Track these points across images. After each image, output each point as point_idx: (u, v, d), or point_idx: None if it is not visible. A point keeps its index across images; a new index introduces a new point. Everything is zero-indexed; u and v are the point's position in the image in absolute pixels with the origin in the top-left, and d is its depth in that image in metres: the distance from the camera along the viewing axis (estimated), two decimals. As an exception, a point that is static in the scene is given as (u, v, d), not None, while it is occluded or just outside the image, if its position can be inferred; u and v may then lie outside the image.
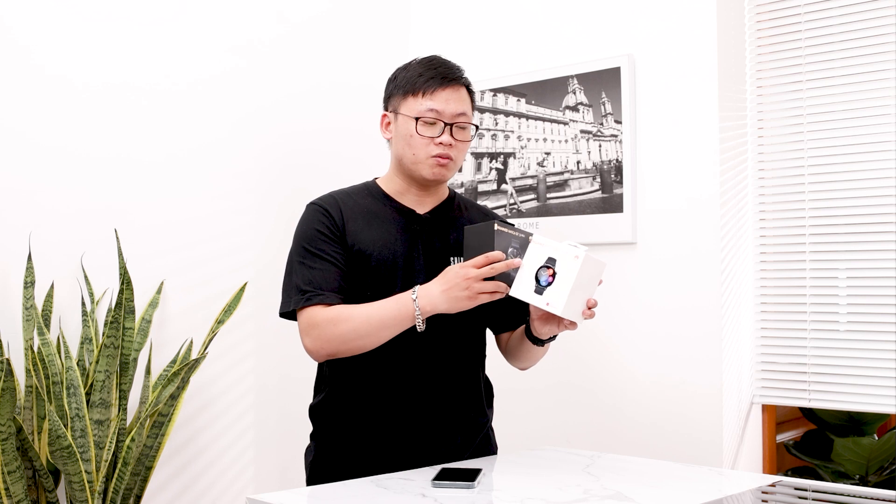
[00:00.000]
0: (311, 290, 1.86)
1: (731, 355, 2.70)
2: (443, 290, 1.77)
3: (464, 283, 1.75)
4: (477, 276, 1.74)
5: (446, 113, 1.91)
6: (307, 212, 1.98)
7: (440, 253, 1.96)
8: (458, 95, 1.94)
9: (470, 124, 1.96)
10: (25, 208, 2.47)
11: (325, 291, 1.86)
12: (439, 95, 1.91)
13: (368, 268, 1.92)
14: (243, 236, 2.92)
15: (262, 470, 2.96)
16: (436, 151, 1.91)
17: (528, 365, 2.07)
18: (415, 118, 1.91)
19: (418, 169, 1.93)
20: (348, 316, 1.83)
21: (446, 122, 1.91)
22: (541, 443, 2.83)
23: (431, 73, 1.93)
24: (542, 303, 1.74)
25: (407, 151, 1.93)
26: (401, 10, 3.43)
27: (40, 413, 2.31)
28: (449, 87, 1.93)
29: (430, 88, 1.91)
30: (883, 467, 3.30)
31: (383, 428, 1.93)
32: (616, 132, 2.87)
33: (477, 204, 2.16)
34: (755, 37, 2.76)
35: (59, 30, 2.54)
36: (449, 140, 1.92)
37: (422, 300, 1.79)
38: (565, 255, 1.73)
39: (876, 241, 2.53)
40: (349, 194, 2.01)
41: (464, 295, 1.76)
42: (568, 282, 1.72)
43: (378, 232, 1.94)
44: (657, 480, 1.80)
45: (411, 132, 1.92)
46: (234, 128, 2.92)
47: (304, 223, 1.96)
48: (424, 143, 1.91)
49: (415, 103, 1.92)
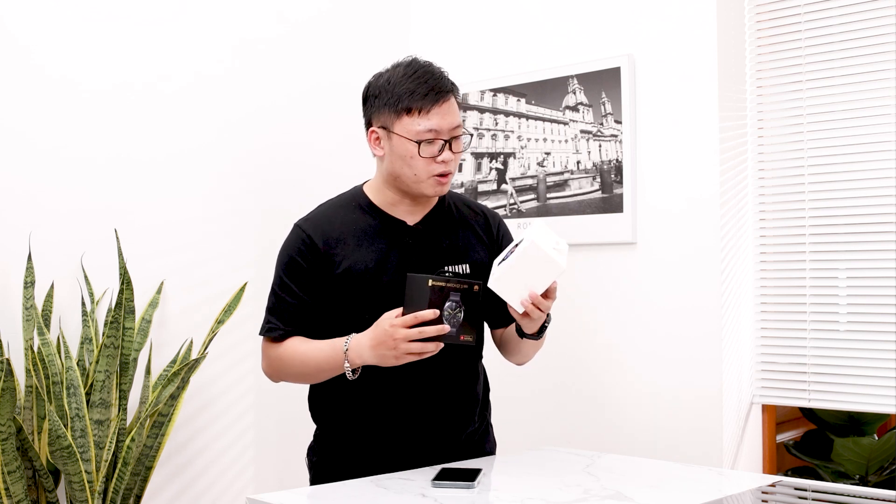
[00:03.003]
0: (271, 322, 1.94)
1: (731, 355, 2.70)
2: (371, 346, 1.76)
3: (391, 343, 1.72)
4: (404, 338, 1.70)
5: (444, 130, 1.86)
6: (291, 235, 1.96)
7: (435, 262, 1.93)
8: (451, 107, 1.88)
9: (465, 133, 1.92)
10: (25, 208, 2.47)
11: (283, 327, 1.92)
12: (435, 112, 1.84)
13: (362, 288, 1.89)
14: (243, 236, 2.92)
15: (262, 470, 2.96)
16: (438, 170, 1.86)
17: (524, 359, 2.05)
18: (416, 141, 1.84)
19: (419, 188, 1.89)
20: (290, 358, 1.91)
21: (445, 140, 1.87)
22: (541, 443, 2.83)
23: (423, 89, 1.84)
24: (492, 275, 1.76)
25: (407, 172, 1.88)
26: (401, 10, 3.43)
27: (40, 413, 2.31)
28: (444, 102, 1.86)
29: (425, 107, 1.84)
30: (883, 467, 3.29)
31: (383, 425, 1.93)
32: (616, 132, 2.87)
33: (469, 200, 2.11)
34: (755, 37, 2.76)
35: (58, 30, 2.54)
36: (450, 157, 1.87)
37: (351, 352, 1.80)
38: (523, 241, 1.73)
39: (876, 241, 2.53)
40: (338, 210, 1.97)
41: (390, 354, 1.73)
42: (510, 262, 1.72)
43: (368, 251, 1.91)
44: (657, 480, 1.80)
45: (412, 153, 1.85)
46: (234, 128, 2.92)
47: (285, 248, 1.96)
48: (426, 163, 1.86)
49: (411, 123, 1.84)
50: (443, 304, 1.70)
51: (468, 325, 1.73)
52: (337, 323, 1.91)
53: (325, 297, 1.91)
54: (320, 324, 1.93)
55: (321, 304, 1.92)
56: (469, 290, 1.72)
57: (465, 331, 1.73)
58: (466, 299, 1.72)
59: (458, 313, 1.71)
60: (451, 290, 1.70)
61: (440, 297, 1.70)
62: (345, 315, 1.91)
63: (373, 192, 1.98)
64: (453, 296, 1.70)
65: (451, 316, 1.70)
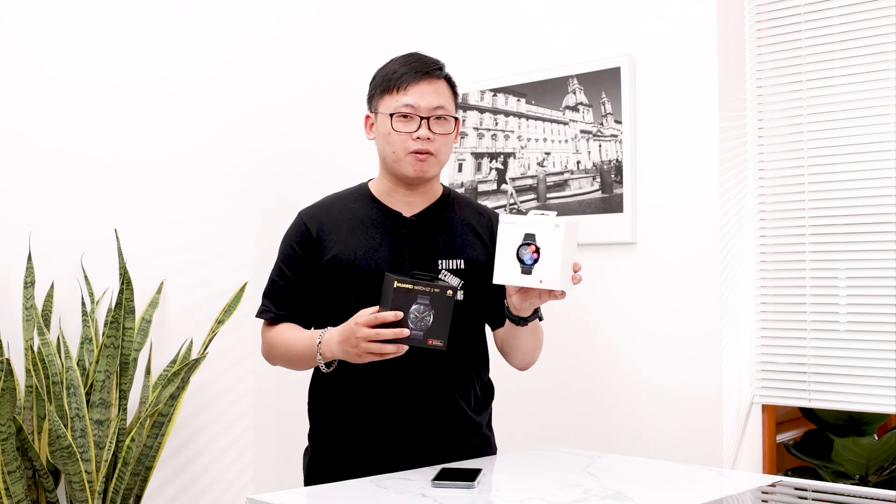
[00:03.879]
0: (265, 305, 2.03)
1: (731, 355, 2.70)
2: (338, 342, 1.79)
3: (353, 340, 1.74)
4: (364, 337, 1.71)
5: (422, 107, 1.90)
6: (293, 222, 2.04)
7: (427, 257, 1.94)
8: (435, 88, 1.92)
9: (450, 116, 1.94)
10: (25, 208, 2.47)
11: (275, 311, 2.00)
12: (413, 90, 1.90)
13: (351, 276, 1.91)
14: (243, 236, 2.92)
15: (262, 470, 2.96)
16: (414, 147, 1.89)
17: (525, 359, 2.03)
18: (390, 114, 1.90)
19: (400, 167, 1.92)
20: (278, 343, 1.98)
21: (422, 116, 1.89)
22: (541, 443, 2.83)
23: (405, 68, 1.92)
24: (535, 282, 1.68)
25: (387, 149, 1.93)
26: (401, 10, 3.43)
27: (40, 413, 2.31)
28: (423, 81, 1.91)
29: (404, 83, 1.90)
30: (883, 467, 3.30)
31: (378, 428, 1.93)
32: (616, 132, 2.87)
33: (474, 202, 2.12)
34: (755, 37, 2.76)
35: (58, 30, 2.54)
36: (426, 134, 1.89)
37: (323, 345, 1.84)
38: (543, 226, 1.66)
39: (876, 241, 2.53)
40: (339, 200, 2.03)
41: (353, 352, 1.75)
42: (556, 254, 1.66)
43: (361, 239, 1.94)
44: (657, 480, 1.80)
45: (388, 129, 1.91)
46: (234, 128, 2.92)
47: (287, 234, 2.04)
48: (402, 139, 1.90)
49: (391, 100, 1.91)
50: (409, 307, 1.68)
51: (438, 329, 1.70)
52: (327, 309, 1.96)
53: (316, 283, 1.96)
54: (313, 309, 1.99)
55: (313, 289, 1.97)
56: (441, 294, 1.68)
57: (434, 335, 1.69)
58: (438, 303, 1.69)
59: (426, 317, 1.69)
60: (419, 293, 1.68)
61: (406, 299, 1.68)
62: (333, 301, 1.94)
63: (374, 184, 2.04)
64: (422, 299, 1.68)
65: (419, 319, 1.69)
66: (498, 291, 1.94)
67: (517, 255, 1.69)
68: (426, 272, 1.82)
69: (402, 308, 1.68)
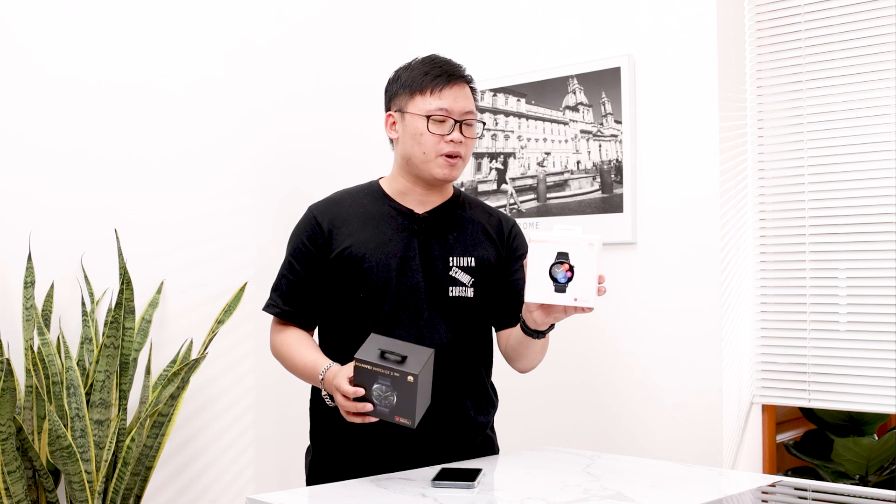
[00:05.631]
0: (273, 300, 2.03)
1: (731, 355, 2.70)
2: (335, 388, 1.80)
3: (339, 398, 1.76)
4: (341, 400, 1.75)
5: (455, 111, 1.93)
6: (303, 217, 2.04)
7: (438, 253, 1.96)
8: (465, 93, 1.96)
9: (477, 121, 1.99)
10: (25, 208, 2.47)
11: (281, 306, 2.01)
12: (447, 93, 1.93)
13: (361, 270, 1.93)
14: (243, 236, 2.92)
15: (262, 470, 2.96)
16: (447, 150, 1.92)
17: (530, 365, 2.03)
18: (426, 116, 1.92)
19: (428, 168, 1.94)
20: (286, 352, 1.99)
21: (456, 120, 1.93)
22: (541, 443, 2.83)
23: (437, 71, 1.95)
24: (569, 300, 1.68)
25: (417, 150, 1.94)
26: (401, 10, 3.43)
27: (40, 413, 2.31)
28: (455, 85, 1.95)
29: (437, 87, 1.93)
30: (883, 467, 3.29)
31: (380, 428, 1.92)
32: (616, 132, 2.87)
33: (483, 203, 2.14)
34: (755, 37, 2.76)
35: (58, 30, 2.54)
36: (459, 137, 1.93)
37: (325, 382, 1.85)
38: (576, 244, 1.66)
39: (876, 241, 2.53)
40: (350, 195, 2.04)
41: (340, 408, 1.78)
42: (591, 273, 1.67)
43: (372, 233, 1.95)
44: (657, 480, 1.80)
45: (421, 130, 1.92)
46: (234, 128, 2.92)
47: (297, 229, 2.05)
48: (435, 140, 1.92)
49: (423, 102, 1.93)
50: (370, 385, 1.70)
51: (405, 407, 1.69)
52: (335, 303, 1.97)
53: (325, 278, 1.97)
54: (320, 305, 2.00)
55: (322, 284, 1.98)
56: (401, 379, 1.68)
57: (400, 413, 1.70)
58: (399, 386, 1.68)
59: (388, 396, 1.69)
60: (379, 375, 1.69)
61: (367, 377, 1.70)
62: (342, 296, 1.96)
63: (386, 183, 2.04)
64: (382, 380, 1.69)
65: (382, 397, 1.70)
66: (506, 294, 1.94)
67: (550, 273, 1.68)
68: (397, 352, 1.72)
69: (363, 385, 1.71)
